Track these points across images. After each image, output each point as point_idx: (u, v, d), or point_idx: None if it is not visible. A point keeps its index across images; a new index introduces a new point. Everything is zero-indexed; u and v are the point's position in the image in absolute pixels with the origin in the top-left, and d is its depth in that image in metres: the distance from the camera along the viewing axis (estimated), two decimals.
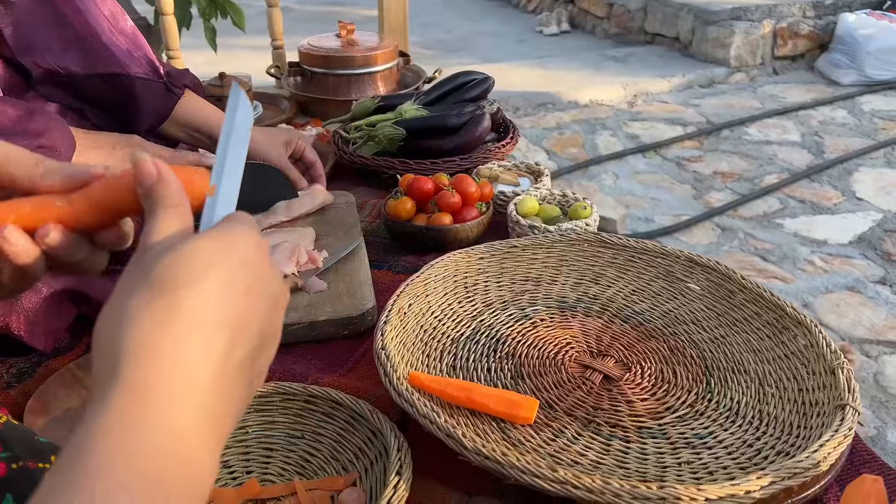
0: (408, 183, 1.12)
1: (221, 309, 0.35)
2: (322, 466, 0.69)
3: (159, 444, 0.31)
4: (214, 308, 0.35)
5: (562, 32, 5.68)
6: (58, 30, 0.95)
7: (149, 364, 0.32)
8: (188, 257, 0.36)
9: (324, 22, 5.74)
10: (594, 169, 3.35)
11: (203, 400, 0.33)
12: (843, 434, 0.63)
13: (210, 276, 0.35)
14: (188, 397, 0.33)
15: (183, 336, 0.33)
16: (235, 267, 0.37)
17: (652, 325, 0.88)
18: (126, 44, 1.01)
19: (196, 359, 0.34)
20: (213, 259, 0.36)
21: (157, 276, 0.35)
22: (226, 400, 0.35)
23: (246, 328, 0.36)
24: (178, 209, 0.40)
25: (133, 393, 0.32)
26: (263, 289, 0.38)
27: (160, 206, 0.40)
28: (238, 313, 0.36)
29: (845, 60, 4.33)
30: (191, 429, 0.32)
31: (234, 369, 0.36)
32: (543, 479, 0.58)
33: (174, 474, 0.31)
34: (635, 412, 0.74)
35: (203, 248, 0.36)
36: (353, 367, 0.85)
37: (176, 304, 0.34)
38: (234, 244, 0.38)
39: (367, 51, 1.62)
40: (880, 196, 3.03)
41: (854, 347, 2.13)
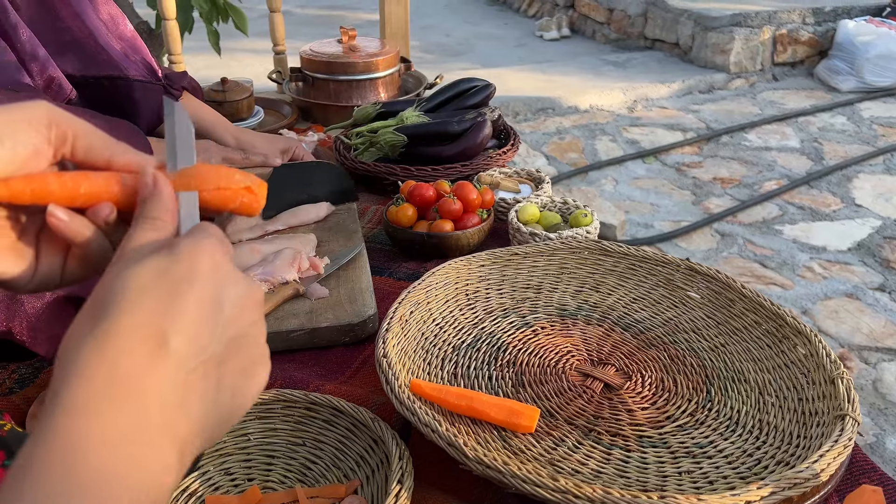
0: (409, 189, 1.12)
1: (160, 327, 0.36)
2: (323, 474, 0.70)
3: (93, 452, 0.32)
4: (151, 327, 0.36)
5: (562, 37, 5.70)
6: (55, 33, 0.95)
7: (82, 386, 0.34)
8: (129, 280, 0.37)
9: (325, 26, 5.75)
10: (594, 174, 3.35)
11: (143, 412, 0.34)
12: (842, 444, 0.63)
13: (146, 297, 0.36)
14: (125, 411, 0.34)
15: (117, 358, 0.35)
16: (178, 283, 0.38)
17: (652, 334, 0.88)
18: (123, 47, 1.01)
19: (132, 376, 0.35)
20: (152, 280, 0.37)
21: (104, 299, 0.37)
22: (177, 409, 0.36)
23: (195, 341, 0.37)
24: (156, 223, 0.41)
25: (66, 414, 0.33)
26: (216, 299, 0.39)
27: (141, 218, 0.42)
28: (182, 328, 0.37)
29: (845, 67, 4.34)
30: (129, 437, 0.34)
31: (186, 380, 0.36)
32: (544, 488, 0.59)
33: (115, 477, 0.32)
34: (636, 421, 0.74)
35: (143, 269, 0.37)
36: (354, 375, 0.85)
37: (112, 328, 0.35)
38: (177, 260, 0.38)
39: (368, 56, 1.63)
40: (879, 202, 3.04)
41: (853, 354, 2.14)
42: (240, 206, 0.46)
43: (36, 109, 0.42)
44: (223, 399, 0.39)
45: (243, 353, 0.40)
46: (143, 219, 0.41)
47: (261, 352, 0.41)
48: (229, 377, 0.39)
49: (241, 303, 0.40)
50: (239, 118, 1.54)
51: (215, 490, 0.68)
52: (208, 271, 0.39)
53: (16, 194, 0.41)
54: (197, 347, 0.37)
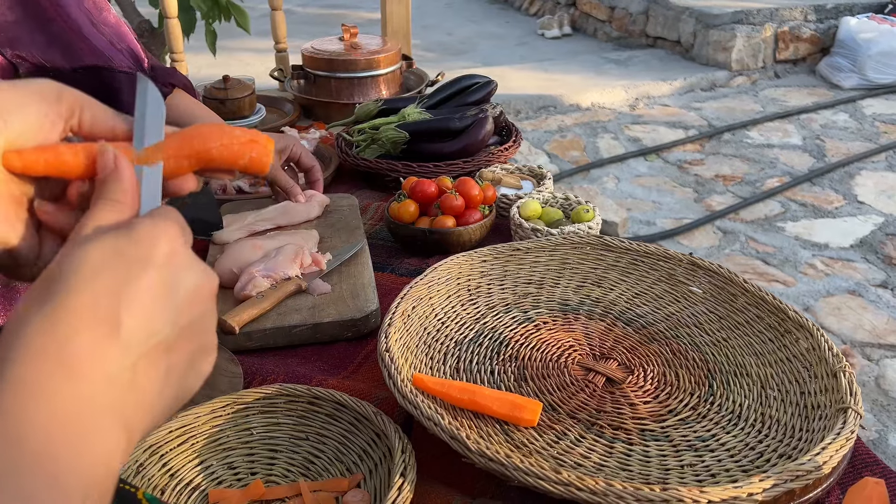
0: (411, 186, 1.12)
1: (113, 308, 0.36)
2: (326, 468, 0.70)
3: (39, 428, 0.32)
4: (104, 308, 0.36)
5: (563, 35, 5.69)
6: (39, 23, 0.94)
7: (29, 364, 0.33)
8: (83, 259, 0.36)
9: (327, 25, 5.76)
10: (595, 172, 3.35)
11: (91, 391, 0.34)
12: (845, 437, 0.64)
13: (101, 277, 0.36)
14: (72, 389, 0.34)
15: (67, 337, 0.34)
16: (134, 265, 0.37)
17: (654, 329, 0.88)
18: (109, 34, 0.99)
19: (81, 355, 0.34)
20: (107, 260, 0.37)
21: (56, 276, 0.36)
22: (125, 391, 0.36)
23: (147, 324, 0.37)
24: (116, 205, 0.41)
25: (11, 391, 0.33)
26: (171, 283, 0.38)
27: (100, 199, 0.41)
28: (135, 311, 0.36)
29: (847, 64, 4.33)
30: (76, 415, 0.33)
31: (135, 363, 0.36)
32: (547, 481, 0.59)
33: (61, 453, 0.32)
34: (638, 415, 0.74)
35: (99, 248, 0.37)
36: (356, 370, 0.85)
37: (63, 305, 0.35)
38: (135, 241, 0.38)
39: (370, 54, 1.63)
40: (881, 199, 3.04)
41: (855, 351, 2.14)
42: (249, 162, 0.46)
43: (45, 84, 0.43)
44: (171, 384, 0.39)
45: (193, 340, 0.40)
46: (102, 200, 0.41)
47: (209, 340, 0.41)
48: (178, 363, 0.39)
49: (196, 291, 0.40)
50: (241, 116, 1.54)
51: (218, 484, 0.68)
52: (165, 255, 0.39)
53: (29, 165, 0.41)
54: (148, 331, 0.37)
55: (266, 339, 0.88)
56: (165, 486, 0.66)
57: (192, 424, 0.70)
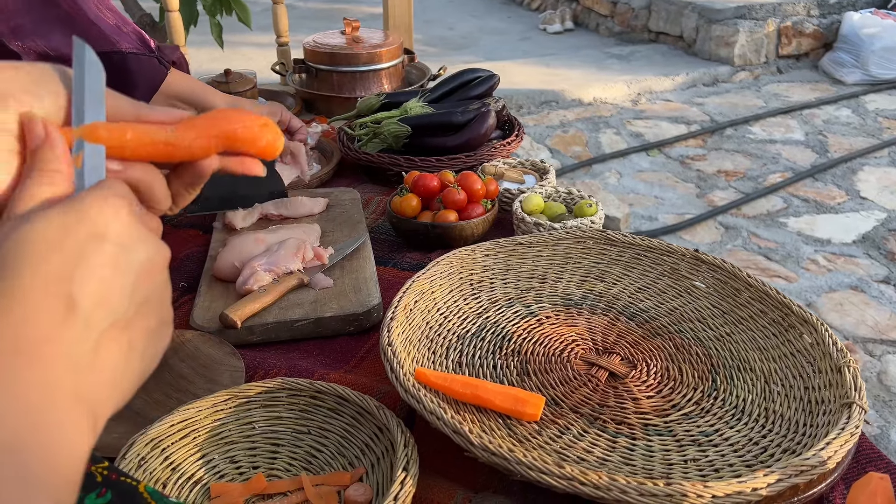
0: (413, 180, 1.12)
1: (67, 289, 0.35)
2: (328, 462, 0.70)
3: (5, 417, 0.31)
4: (58, 289, 0.35)
5: (565, 30, 5.68)
6: (44, 10, 0.94)
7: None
8: (30, 239, 0.35)
9: (328, 19, 5.75)
10: (597, 167, 3.35)
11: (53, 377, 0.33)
12: (849, 432, 0.63)
13: (52, 258, 0.35)
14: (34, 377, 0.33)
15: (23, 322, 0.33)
16: (85, 242, 0.36)
17: (657, 323, 0.88)
18: (114, 19, 0.99)
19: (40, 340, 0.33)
20: (57, 239, 0.35)
21: (3, 254, 0.35)
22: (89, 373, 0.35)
23: (104, 301, 0.36)
24: (53, 175, 0.39)
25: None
26: (124, 258, 0.38)
27: (34, 171, 0.39)
28: (91, 289, 0.36)
29: (849, 59, 4.32)
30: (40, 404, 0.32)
31: (96, 342, 0.36)
32: (550, 475, 0.58)
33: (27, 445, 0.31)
34: (641, 409, 0.74)
35: (46, 226, 0.36)
36: (359, 364, 0.85)
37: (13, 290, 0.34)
38: (83, 218, 0.37)
39: (371, 48, 1.62)
40: (884, 195, 3.03)
41: (857, 347, 2.13)
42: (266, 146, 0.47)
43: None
44: (132, 361, 0.38)
45: (150, 315, 0.39)
46: (36, 171, 0.39)
47: (166, 313, 0.41)
48: (137, 339, 0.38)
49: (149, 264, 0.39)
50: None
51: (220, 478, 0.68)
52: (117, 230, 0.38)
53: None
54: (106, 310, 0.36)
55: (268, 334, 0.88)
56: (167, 480, 0.66)
57: (194, 418, 0.69)
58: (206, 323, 0.87)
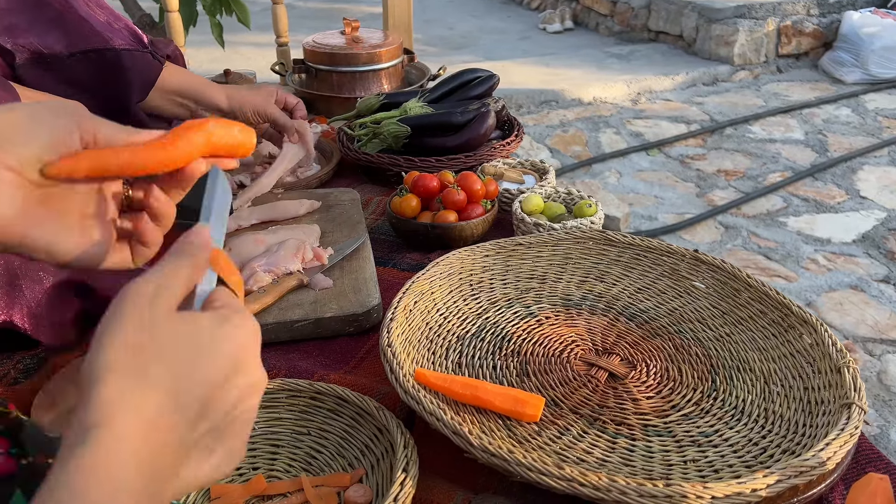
0: (413, 180, 1.12)
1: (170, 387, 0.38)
2: (328, 463, 0.70)
3: None
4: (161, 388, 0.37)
5: (565, 30, 5.67)
6: (37, 10, 0.94)
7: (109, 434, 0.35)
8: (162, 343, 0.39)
9: (328, 19, 5.74)
10: (597, 167, 3.34)
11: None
12: (849, 433, 0.63)
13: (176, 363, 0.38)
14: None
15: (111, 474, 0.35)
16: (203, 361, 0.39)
17: (657, 324, 0.88)
18: (105, 16, 0.99)
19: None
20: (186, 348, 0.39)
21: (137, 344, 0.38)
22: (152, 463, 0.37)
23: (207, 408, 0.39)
24: (194, 270, 0.43)
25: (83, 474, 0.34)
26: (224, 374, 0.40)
27: (180, 256, 0.43)
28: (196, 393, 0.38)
29: (849, 58, 4.32)
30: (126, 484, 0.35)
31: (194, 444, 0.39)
32: (550, 476, 0.58)
33: None
34: (641, 410, 0.74)
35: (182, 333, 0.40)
36: (358, 364, 0.85)
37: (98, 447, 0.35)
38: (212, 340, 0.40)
39: (371, 48, 1.62)
40: (884, 194, 3.03)
41: (857, 346, 2.13)
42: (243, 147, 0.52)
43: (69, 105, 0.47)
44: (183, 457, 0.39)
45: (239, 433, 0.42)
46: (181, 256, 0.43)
47: (245, 441, 0.43)
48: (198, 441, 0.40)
49: (254, 387, 0.42)
50: None
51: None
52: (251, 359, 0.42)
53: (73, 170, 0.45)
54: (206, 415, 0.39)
55: (268, 334, 0.88)
56: None
57: None
58: None
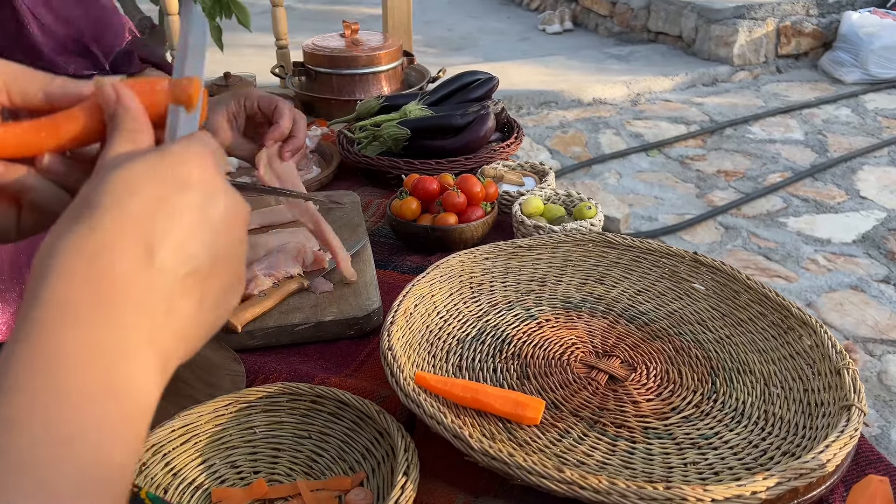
0: (413, 183, 1.12)
1: (148, 229, 0.34)
2: (329, 466, 0.70)
3: (81, 362, 0.31)
4: (139, 228, 0.34)
5: (565, 31, 5.68)
6: None
7: (68, 287, 0.32)
8: (116, 179, 0.35)
9: (327, 21, 5.75)
10: (597, 167, 3.35)
11: (128, 320, 0.33)
12: (848, 435, 0.63)
13: (135, 196, 0.35)
14: (111, 318, 0.32)
15: (103, 257, 0.33)
16: (168, 186, 0.36)
17: (657, 326, 0.88)
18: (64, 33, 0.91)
19: (119, 278, 0.33)
20: (141, 179, 0.35)
21: (86, 199, 0.35)
22: (162, 319, 0.34)
23: (182, 248, 0.35)
24: (135, 134, 0.39)
25: (52, 317, 0.31)
26: (206, 208, 0.37)
27: (116, 131, 0.39)
28: (171, 233, 0.35)
29: (849, 58, 4.32)
30: (115, 347, 0.32)
31: (172, 289, 0.35)
32: (550, 479, 0.59)
33: (101, 389, 0.31)
34: (641, 413, 0.74)
35: (132, 168, 0.36)
36: (359, 368, 0.85)
37: (96, 224, 0.33)
38: (169, 163, 0.36)
39: (371, 50, 1.62)
40: (884, 194, 3.03)
41: (857, 346, 2.13)
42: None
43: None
44: (204, 314, 0.38)
45: (227, 269, 0.39)
46: (117, 132, 0.39)
47: (241, 272, 0.40)
48: (211, 292, 0.38)
49: (231, 218, 0.38)
50: None
51: (221, 483, 0.68)
52: (199, 180, 0.37)
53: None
54: (184, 257, 0.35)
55: (268, 338, 0.88)
56: (168, 486, 0.66)
57: (195, 423, 0.70)
58: None
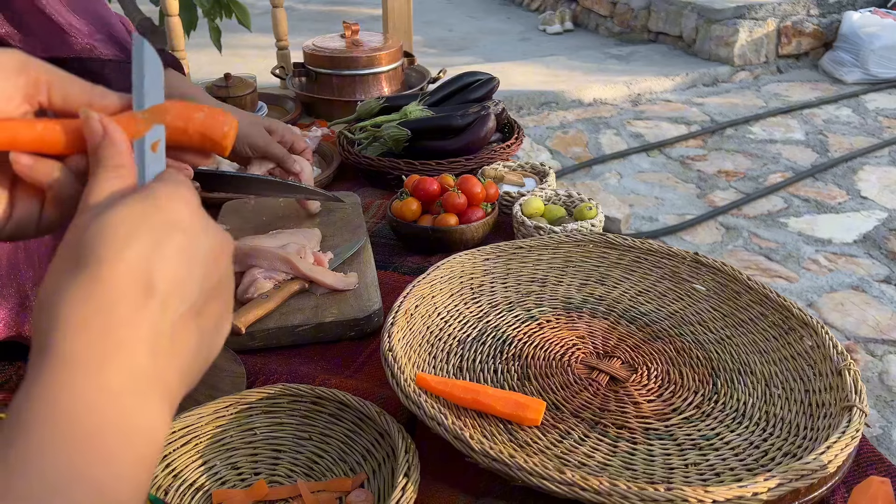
0: (413, 184, 1.12)
1: (146, 274, 0.36)
2: (330, 468, 0.70)
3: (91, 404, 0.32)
4: (138, 275, 0.35)
5: (565, 31, 5.68)
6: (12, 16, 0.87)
7: (75, 337, 0.33)
8: (111, 227, 0.36)
9: (328, 22, 5.75)
10: (598, 168, 3.34)
11: (136, 362, 0.34)
12: (850, 435, 0.63)
13: (132, 244, 0.36)
14: (119, 362, 0.34)
15: (107, 306, 0.34)
16: (161, 230, 0.37)
17: (658, 326, 0.88)
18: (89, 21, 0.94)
19: (124, 325, 0.34)
20: (135, 226, 0.36)
21: (83, 246, 0.35)
22: (166, 358, 0.36)
23: (179, 288, 0.37)
24: (119, 170, 0.40)
25: (62, 365, 0.33)
26: (196, 246, 0.38)
27: (100, 167, 0.40)
28: (167, 275, 0.36)
29: (849, 58, 4.32)
30: (124, 389, 0.33)
31: (172, 328, 0.36)
32: (551, 480, 0.59)
33: (111, 429, 0.32)
34: (642, 413, 0.74)
35: (125, 215, 0.36)
36: (359, 369, 0.85)
37: (98, 275, 0.34)
38: (159, 207, 0.38)
39: (371, 51, 1.62)
40: (885, 195, 3.03)
41: (859, 347, 2.13)
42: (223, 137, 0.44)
43: (6, 55, 0.41)
44: (203, 346, 0.39)
45: (219, 301, 0.40)
46: (102, 168, 0.40)
47: (230, 301, 0.42)
48: (207, 325, 0.39)
49: (218, 251, 0.40)
50: None
51: (222, 484, 0.68)
52: (188, 218, 0.38)
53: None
54: (182, 295, 0.37)
55: (269, 339, 0.88)
56: (169, 487, 0.66)
57: (196, 425, 0.70)
58: None
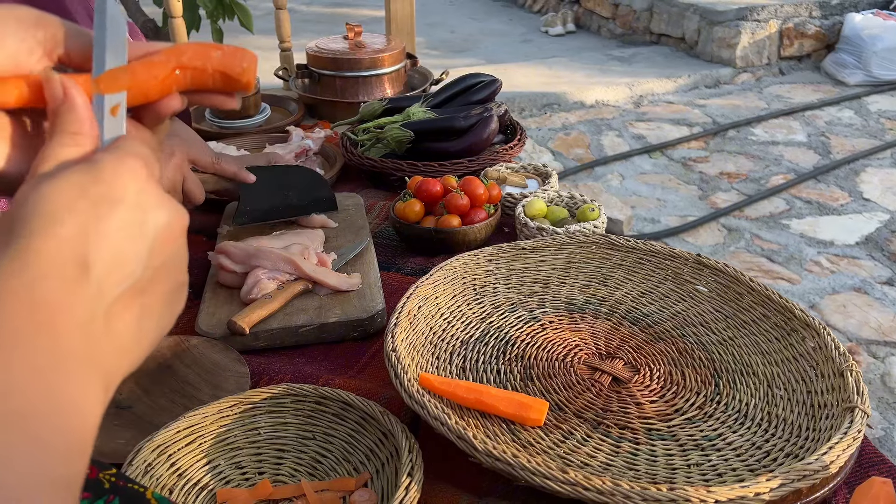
0: (416, 185, 1.12)
1: (82, 251, 0.34)
2: (333, 467, 0.70)
3: (14, 382, 0.30)
4: (72, 251, 0.34)
5: (567, 33, 5.68)
6: None
7: (2, 310, 0.31)
8: (46, 199, 0.34)
9: (330, 24, 5.76)
10: (600, 169, 3.35)
11: (65, 340, 0.33)
12: (852, 436, 0.63)
13: (66, 219, 0.34)
14: (45, 339, 0.32)
15: (36, 281, 0.32)
16: (101, 205, 0.35)
17: (660, 328, 0.88)
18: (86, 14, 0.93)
19: (53, 301, 0.32)
20: (72, 200, 0.35)
21: (18, 218, 0.34)
22: (101, 337, 0.34)
23: (119, 266, 0.35)
24: (76, 137, 0.38)
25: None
26: (141, 222, 0.36)
27: (56, 133, 0.38)
28: (105, 253, 0.35)
29: (852, 60, 4.32)
30: (50, 367, 0.32)
31: (109, 307, 0.35)
32: (554, 480, 0.59)
33: (39, 410, 0.30)
34: (644, 414, 0.74)
35: (63, 187, 0.35)
36: (363, 369, 0.86)
37: (28, 248, 0.33)
38: (101, 180, 0.36)
39: (374, 53, 1.63)
40: (887, 196, 3.03)
41: (861, 348, 2.13)
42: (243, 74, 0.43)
43: (22, 10, 0.41)
44: (145, 327, 0.37)
45: (167, 280, 0.38)
46: (58, 133, 0.38)
47: (182, 279, 0.40)
48: (152, 304, 0.38)
49: (167, 228, 0.38)
50: (246, 115, 1.54)
51: (226, 483, 0.69)
52: (133, 193, 0.36)
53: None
54: (120, 274, 0.35)
55: (273, 339, 0.88)
56: (174, 486, 0.66)
57: (200, 424, 0.70)
58: (211, 329, 0.88)
